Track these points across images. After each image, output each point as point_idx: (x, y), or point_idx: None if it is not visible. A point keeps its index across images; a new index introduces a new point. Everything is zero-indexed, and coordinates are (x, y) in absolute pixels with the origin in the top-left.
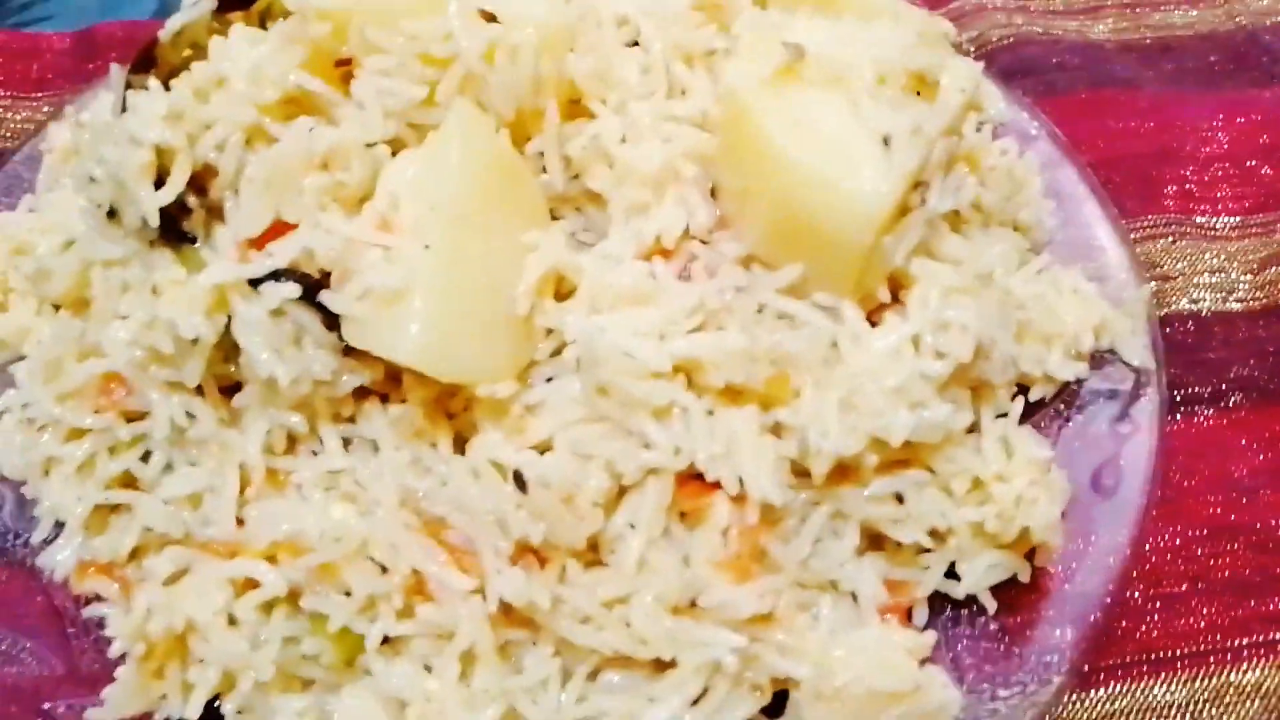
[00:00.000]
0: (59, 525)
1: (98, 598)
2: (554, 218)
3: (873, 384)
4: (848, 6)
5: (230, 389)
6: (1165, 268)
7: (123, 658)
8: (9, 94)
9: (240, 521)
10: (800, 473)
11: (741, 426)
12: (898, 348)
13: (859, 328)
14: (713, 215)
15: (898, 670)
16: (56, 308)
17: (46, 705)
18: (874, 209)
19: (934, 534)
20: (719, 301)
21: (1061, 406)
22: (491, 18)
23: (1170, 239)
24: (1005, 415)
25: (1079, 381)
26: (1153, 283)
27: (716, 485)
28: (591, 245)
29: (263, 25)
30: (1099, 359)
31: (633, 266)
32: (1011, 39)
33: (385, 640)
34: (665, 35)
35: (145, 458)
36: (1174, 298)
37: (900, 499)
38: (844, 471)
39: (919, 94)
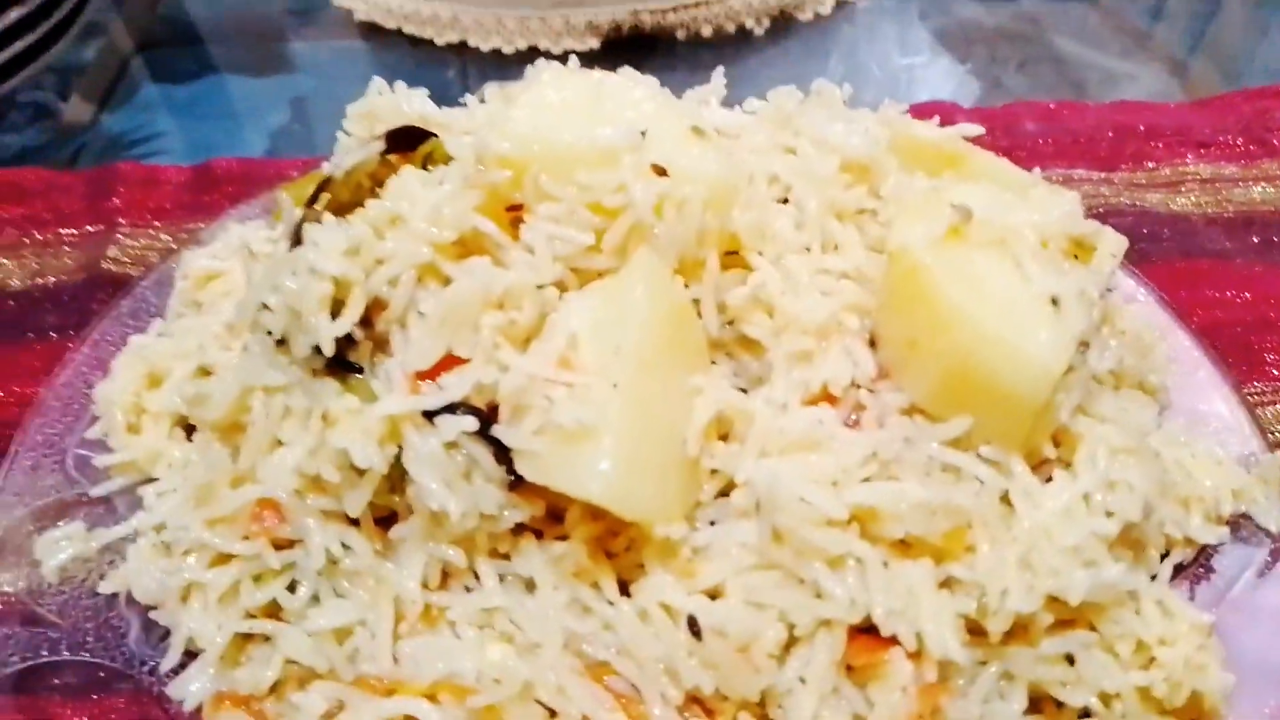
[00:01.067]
0: (188, 654)
1: None
2: None
3: (1048, 542)
4: (984, 176)
5: (382, 519)
6: (1276, 434)
7: None
8: (129, 222)
9: (393, 659)
10: (970, 630)
11: (919, 580)
12: (1070, 506)
13: (1030, 483)
14: (873, 366)
15: None
16: (189, 433)
17: None
18: (1051, 368)
19: (1100, 698)
20: (891, 451)
21: (1200, 570)
22: (662, 172)
23: (1279, 406)
24: (1155, 577)
25: (1216, 546)
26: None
27: (889, 640)
28: (744, 391)
29: (424, 167)
30: (1233, 524)
31: (803, 413)
32: (1102, 209)
33: None
34: (819, 194)
35: (291, 588)
36: None
37: (1070, 660)
38: (1013, 630)
39: (1076, 256)
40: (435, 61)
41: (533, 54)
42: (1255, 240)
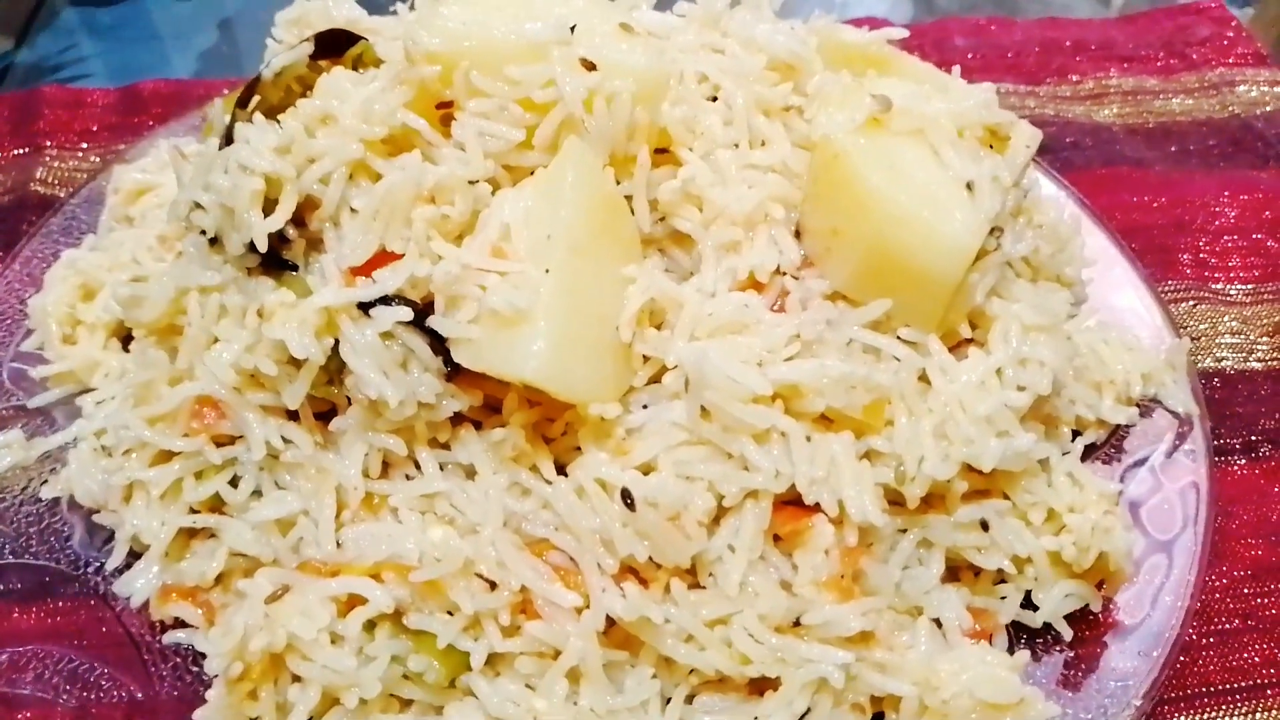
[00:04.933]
0: (133, 554)
1: (178, 623)
2: None
3: (963, 413)
4: (906, 75)
5: (320, 415)
6: (1189, 329)
7: (204, 683)
8: (56, 144)
9: (337, 544)
10: (890, 500)
11: (840, 451)
12: (983, 379)
13: (946, 360)
14: (798, 254)
15: (1003, 683)
16: (125, 342)
17: None
18: (965, 246)
19: (1013, 562)
20: (813, 332)
21: (1111, 450)
22: (591, 66)
23: (1191, 303)
24: (1068, 453)
25: (1127, 426)
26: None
27: (813, 509)
28: (676, 282)
29: (354, 71)
30: (1143, 407)
31: (730, 298)
32: (1026, 120)
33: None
34: (746, 91)
35: (233, 483)
36: (1199, 356)
37: (985, 526)
38: (930, 500)
39: (991, 147)
40: None
41: None
42: (1173, 149)
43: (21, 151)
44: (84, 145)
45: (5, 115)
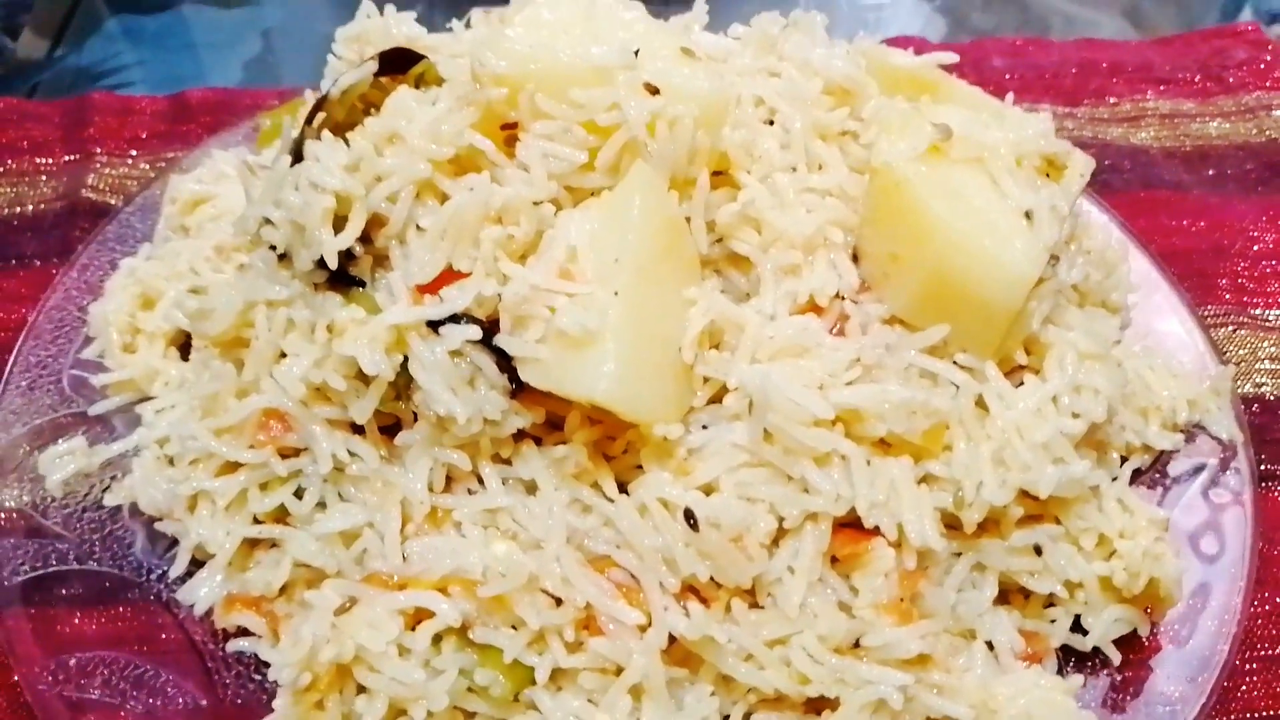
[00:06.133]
0: (194, 562)
1: (240, 631)
2: None
3: (1020, 439)
4: (958, 100)
5: (384, 429)
6: (1229, 355)
7: (266, 691)
8: (106, 151)
9: (402, 558)
10: (945, 524)
11: (899, 475)
12: (1040, 406)
13: (1003, 386)
14: (856, 278)
15: (1060, 707)
16: (183, 353)
17: None
18: (1026, 276)
19: (1065, 586)
20: (874, 357)
21: (1156, 475)
22: (655, 90)
23: (1230, 328)
24: (1117, 479)
25: (1171, 451)
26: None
27: (871, 532)
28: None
29: (416, 89)
30: (1186, 432)
31: (791, 321)
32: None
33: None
34: (803, 115)
35: (298, 494)
36: (1239, 382)
37: (1038, 551)
38: (984, 524)
39: (1048, 175)
40: None
41: None
42: (1211, 173)
43: (72, 158)
44: (134, 152)
45: (56, 121)
